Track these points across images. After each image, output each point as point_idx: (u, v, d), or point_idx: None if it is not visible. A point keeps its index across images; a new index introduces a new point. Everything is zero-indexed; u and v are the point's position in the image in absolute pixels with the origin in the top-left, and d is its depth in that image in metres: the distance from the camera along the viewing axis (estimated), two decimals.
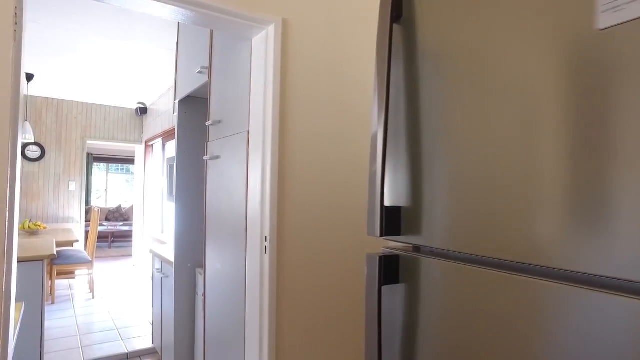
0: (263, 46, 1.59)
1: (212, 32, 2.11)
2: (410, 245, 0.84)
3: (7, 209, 1.11)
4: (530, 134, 0.59)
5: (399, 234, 0.79)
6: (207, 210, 2.09)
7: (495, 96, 0.64)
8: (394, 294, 0.78)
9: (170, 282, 2.83)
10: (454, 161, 0.70)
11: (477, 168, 0.66)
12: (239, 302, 1.70)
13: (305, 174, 1.61)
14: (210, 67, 2.13)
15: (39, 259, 2.94)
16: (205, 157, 2.06)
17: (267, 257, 1.50)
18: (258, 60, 1.63)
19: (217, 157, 1.96)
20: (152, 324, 3.48)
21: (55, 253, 3.04)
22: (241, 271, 1.69)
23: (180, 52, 2.74)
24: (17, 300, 2.88)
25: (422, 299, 0.73)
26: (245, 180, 1.66)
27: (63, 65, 4.69)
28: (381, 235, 0.75)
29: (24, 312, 2.90)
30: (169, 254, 3.08)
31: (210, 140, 2.09)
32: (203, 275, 2.54)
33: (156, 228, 6.05)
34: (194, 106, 2.75)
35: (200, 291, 2.59)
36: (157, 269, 3.15)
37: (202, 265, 2.73)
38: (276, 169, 1.52)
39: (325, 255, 1.66)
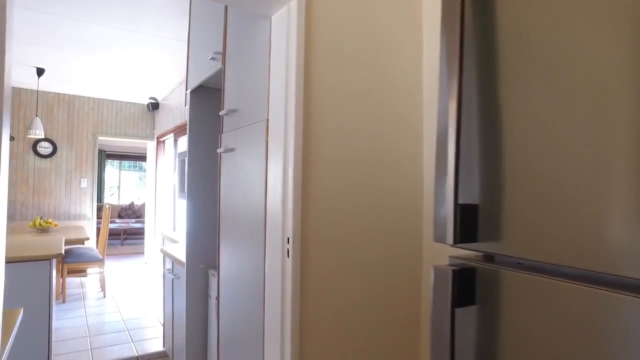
0: (284, 24, 1.42)
1: (226, 14, 1.94)
2: (480, 254, 0.65)
3: None
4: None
5: (474, 240, 0.60)
6: (220, 208, 1.93)
7: (584, 91, 0.46)
8: (468, 318, 0.60)
9: (182, 284, 2.68)
10: (545, 150, 0.52)
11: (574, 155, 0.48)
12: (257, 308, 1.53)
13: (332, 169, 1.43)
14: (224, 52, 1.96)
15: (46, 259, 2.82)
16: (219, 150, 1.89)
17: (289, 261, 1.33)
18: (278, 40, 1.45)
19: (232, 150, 1.79)
20: (164, 326, 3.34)
21: (62, 252, 2.91)
22: (259, 275, 1.52)
23: (192, 38, 2.57)
24: (21, 302, 2.76)
25: (509, 326, 0.55)
26: (264, 174, 1.49)
27: (73, 59, 4.57)
28: (456, 242, 0.57)
29: (28, 316, 2.77)
30: (181, 253, 2.93)
31: (224, 131, 1.92)
32: (216, 277, 2.38)
33: (168, 226, 5.93)
34: (207, 97, 2.58)
35: (213, 294, 2.43)
36: (168, 270, 3.00)
37: (216, 266, 2.57)
38: (299, 162, 1.34)
39: (357, 263, 1.48)
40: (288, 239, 1.34)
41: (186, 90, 2.62)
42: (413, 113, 1.62)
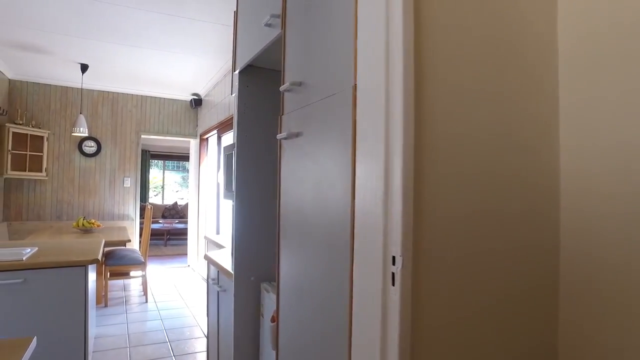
0: None
1: None
2: None
3: None
4: None
5: None
6: (280, 210, 1.51)
7: None
8: None
9: (229, 298, 2.30)
10: None
11: None
12: (338, 348, 1.10)
13: (453, 155, 0.98)
14: (283, 14, 1.55)
15: (81, 264, 2.53)
16: (279, 136, 1.48)
17: (395, 290, 0.89)
18: None
19: (297, 135, 1.37)
20: (208, 339, 2.99)
21: (99, 258, 2.62)
22: (341, 302, 1.09)
23: (241, 10, 2.19)
24: (56, 310, 2.49)
25: None
26: (348, 164, 1.06)
27: (114, 52, 4.35)
28: None
29: (63, 324, 2.49)
30: (227, 261, 2.56)
31: (285, 112, 1.51)
32: (272, 293, 1.97)
33: (211, 228, 5.66)
34: (258, 78, 2.20)
35: (267, 313, 2.03)
36: (213, 280, 2.64)
37: (270, 279, 2.17)
38: (410, 146, 0.90)
39: (488, 300, 1.02)
40: (393, 258, 0.90)
41: (233, 71, 2.24)
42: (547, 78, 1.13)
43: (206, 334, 3.57)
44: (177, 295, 4.92)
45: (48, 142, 5.55)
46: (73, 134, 4.97)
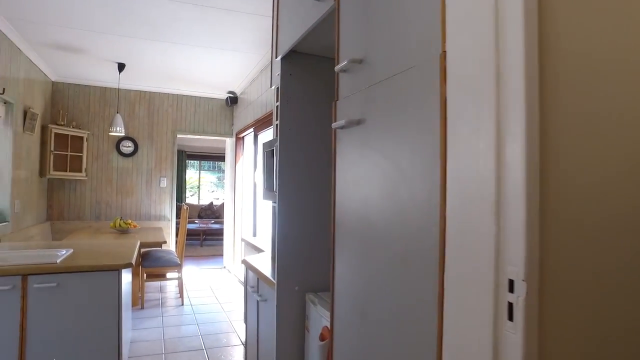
0: None
1: None
2: None
3: None
4: None
5: None
6: (336, 213, 1.29)
7: None
8: None
9: (270, 309, 2.10)
10: None
11: None
12: None
13: (590, 140, 0.72)
14: None
15: (115, 269, 2.39)
16: (334, 125, 1.25)
17: (515, 327, 0.64)
18: None
19: (358, 122, 1.14)
20: (246, 347, 2.81)
21: (132, 262, 2.48)
22: (426, 336, 0.85)
23: None
24: (89, 315, 2.37)
25: None
26: (435, 157, 0.82)
27: (150, 49, 4.26)
28: None
29: (96, 329, 2.37)
30: (266, 267, 2.36)
31: (341, 97, 1.28)
32: (320, 306, 1.75)
33: (247, 230, 5.51)
34: (303, 65, 1.98)
35: (314, 328, 1.81)
36: (252, 287, 2.45)
37: (317, 289, 1.95)
38: (536, 132, 0.65)
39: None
40: (511, 282, 0.65)
41: (275, 57, 2.04)
42: None
43: (243, 341, 3.40)
44: (213, 298, 4.79)
45: (87, 142, 5.57)
46: (110, 133, 4.95)
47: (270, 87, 2.67)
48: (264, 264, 2.41)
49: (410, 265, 0.89)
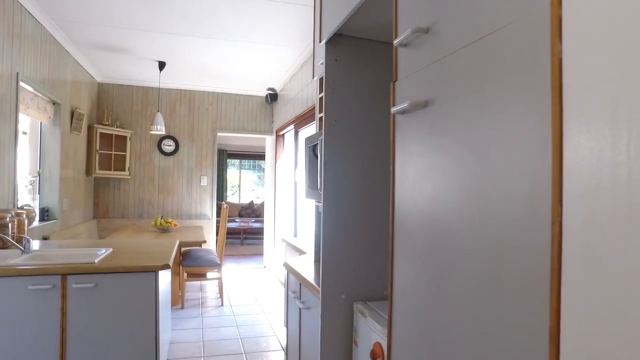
0: None
1: None
2: None
3: None
4: None
5: None
6: (395, 213, 1.08)
7: None
8: None
9: (313, 318, 1.93)
10: None
11: None
12: None
13: None
14: None
15: (152, 270, 2.30)
16: (393, 110, 1.05)
17: None
18: None
19: (425, 105, 0.93)
20: (286, 353, 2.65)
21: (170, 263, 2.38)
22: None
23: None
24: (126, 317, 2.29)
25: None
26: (542, 144, 0.60)
27: (189, 45, 4.21)
28: None
29: (134, 331, 2.29)
30: (309, 271, 2.19)
31: (401, 76, 1.07)
32: (371, 319, 1.56)
33: (288, 230, 5.39)
34: (350, 50, 1.79)
35: (363, 343, 1.61)
36: (294, 293, 2.29)
37: (366, 298, 1.76)
38: None
39: None
40: None
41: (319, 41, 1.86)
42: None
43: (284, 346, 3.26)
44: (253, 298, 4.69)
45: (130, 141, 5.64)
46: (151, 132, 4.96)
47: (313, 78, 2.50)
48: (307, 268, 2.24)
49: (504, 286, 0.68)
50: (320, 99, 2.38)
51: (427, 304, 0.92)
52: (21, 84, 3.27)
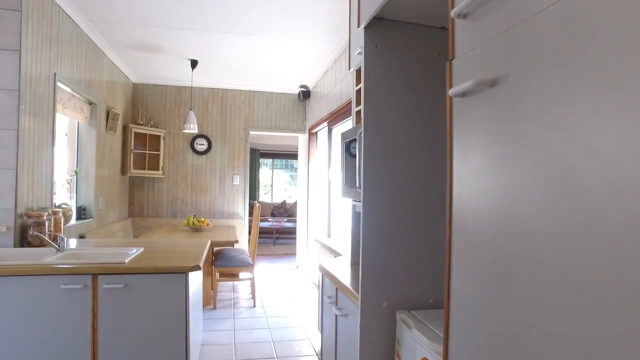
0: None
1: None
2: None
3: None
4: None
5: None
6: (453, 213, 0.93)
7: None
8: None
9: (351, 326, 1.79)
10: None
11: None
12: None
13: None
14: None
15: (182, 271, 2.22)
16: (451, 91, 0.90)
17: None
18: None
19: (493, 84, 0.78)
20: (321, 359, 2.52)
21: (200, 264, 2.30)
22: None
23: None
24: (156, 317, 2.23)
25: None
26: None
27: (221, 42, 4.15)
28: None
29: (163, 333, 2.22)
30: (345, 274, 2.05)
31: (460, 53, 0.92)
32: (417, 330, 1.40)
33: (321, 230, 5.27)
34: (392, 35, 1.64)
35: (408, 357, 1.46)
36: (329, 297, 2.15)
37: (410, 306, 1.60)
38: None
39: None
40: None
41: (357, 26, 1.71)
42: None
43: (317, 351, 3.14)
44: (285, 300, 4.60)
45: (164, 141, 5.67)
46: (184, 130, 4.95)
47: (349, 69, 2.35)
48: (343, 272, 2.10)
49: (614, 313, 0.52)
50: (358, 91, 2.24)
51: (494, 319, 0.77)
52: (58, 84, 3.29)
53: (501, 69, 0.76)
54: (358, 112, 2.25)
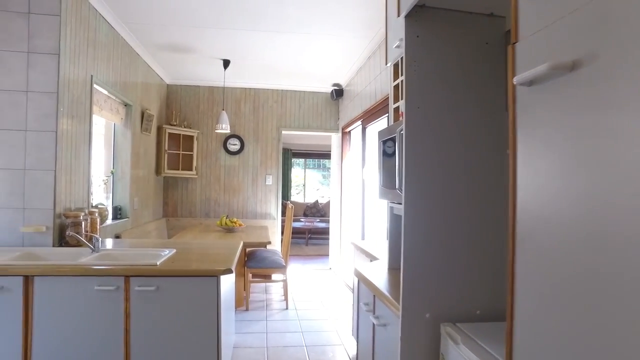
0: None
1: None
2: None
3: None
4: None
5: None
6: (517, 219, 0.80)
7: None
8: None
9: (391, 337, 1.67)
10: None
11: None
12: None
13: None
14: None
15: (213, 275, 2.17)
16: (517, 79, 0.77)
17: None
18: None
19: (573, 67, 0.65)
20: None
21: (232, 268, 2.24)
22: None
23: None
24: (187, 321, 2.19)
25: None
26: None
27: (253, 40, 4.10)
28: None
29: (194, 337, 2.17)
30: (383, 281, 1.93)
31: (525, 34, 0.79)
32: (464, 346, 1.27)
33: (355, 231, 5.14)
34: (434, 24, 1.51)
35: None
36: (366, 304, 2.04)
37: (456, 318, 1.47)
38: None
39: None
40: None
41: (397, 15, 1.60)
42: None
43: (352, 358, 3.02)
44: (318, 302, 4.51)
45: (197, 141, 5.70)
46: (216, 130, 4.95)
47: (386, 64, 2.23)
48: (381, 278, 1.99)
49: None
50: (396, 86, 2.12)
51: (572, 341, 0.64)
52: (95, 86, 3.33)
53: (585, 49, 0.63)
54: (396, 109, 2.12)
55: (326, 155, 9.72)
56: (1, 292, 2.10)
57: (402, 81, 2.04)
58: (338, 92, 5.61)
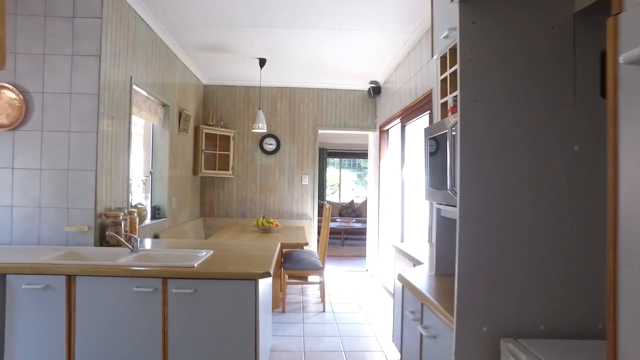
0: None
1: None
2: None
3: None
4: None
5: None
6: (619, 229, 0.67)
7: None
8: None
9: (441, 350, 1.54)
10: None
11: None
12: None
13: None
14: None
15: (252, 278, 2.11)
16: (622, 58, 0.64)
17: None
18: None
19: None
20: None
21: (270, 271, 2.16)
22: None
23: None
24: (225, 325, 2.13)
25: None
26: None
27: (289, 37, 4.04)
28: None
29: (231, 341, 2.11)
30: (431, 289, 1.80)
31: (632, 3, 0.65)
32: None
33: (394, 233, 4.99)
34: (492, 9, 1.37)
35: None
36: (412, 313, 1.91)
37: (516, 334, 1.32)
38: None
39: None
40: None
41: (451, 0, 1.46)
42: None
43: None
44: (356, 305, 4.40)
45: (234, 141, 5.71)
46: (253, 130, 4.93)
47: (432, 57, 2.10)
48: (428, 285, 1.85)
49: None
50: (443, 80, 1.98)
51: None
52: (134, 87, 3.36)
53: None
54: (443, 105, 1.99)
55: (361, 155, 9.57)
56: (46, 290, 2.12)
57: (450, 74, 1.90)
58: (375, 90, 5.47)
